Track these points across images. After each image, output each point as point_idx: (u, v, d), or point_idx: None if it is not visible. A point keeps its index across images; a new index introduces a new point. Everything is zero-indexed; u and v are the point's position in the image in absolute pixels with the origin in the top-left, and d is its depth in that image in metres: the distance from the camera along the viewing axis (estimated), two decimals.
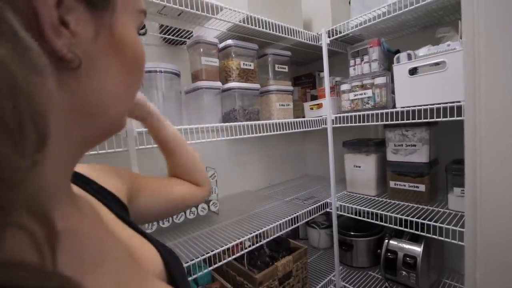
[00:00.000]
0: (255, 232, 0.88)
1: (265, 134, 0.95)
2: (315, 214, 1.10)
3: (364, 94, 1.03)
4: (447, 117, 0.79)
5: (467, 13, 0.64)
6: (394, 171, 1.07)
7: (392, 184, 1.08)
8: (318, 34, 1.14)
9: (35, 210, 0.15)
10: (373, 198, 1.14)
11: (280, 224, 0.95)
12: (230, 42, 0.96)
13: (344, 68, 1.19)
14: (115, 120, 0.25)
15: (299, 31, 1.07)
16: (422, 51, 0.88)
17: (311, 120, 1.15)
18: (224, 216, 1.04)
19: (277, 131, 1.00)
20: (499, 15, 0.60)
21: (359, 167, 1.18)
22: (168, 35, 1.01)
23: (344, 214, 1.15)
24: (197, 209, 0.97)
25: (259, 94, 1.05)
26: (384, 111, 0.96)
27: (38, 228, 0.14)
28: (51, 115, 0.19)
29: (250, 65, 1.00)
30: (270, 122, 0.98)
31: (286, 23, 1.01)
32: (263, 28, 0.94)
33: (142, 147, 0.67)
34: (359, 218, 1.09)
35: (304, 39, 1.10)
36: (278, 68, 1.11)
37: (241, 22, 0.90)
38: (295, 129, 1.06)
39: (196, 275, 0.74)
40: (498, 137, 0.63)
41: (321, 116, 1.18)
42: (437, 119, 0.82)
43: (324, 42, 1.13)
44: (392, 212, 0.97)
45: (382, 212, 0.99)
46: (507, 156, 0.62)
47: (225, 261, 0.80)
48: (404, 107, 0.90)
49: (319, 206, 1.13)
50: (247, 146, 1.40)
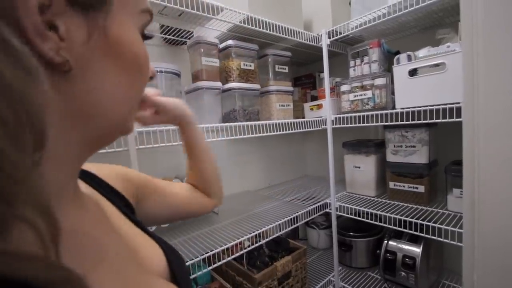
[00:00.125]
0: (254, 232, 0.89)
1: (265, 134, 0.96)
2: (314, 214, 1.10)
3: (364, 95, 1.04)
4: (446, 118, 0.79)
5: (466, 14, 0.65)
6: (393, 172, 1.07)
7: (391, 185, 1.08)
8: (318, 35, 1.14)
9: (39, 206, 0.15)
10: (372, 198, 1.14)
11: (279, 224, 0.95)
12: (230, 42, 0.96)
13: (344, 69, 1.19)
14: (117, 121, 0.25)
15: (299, 32, 1.07)
16: (422, 52, 0.89)
17: (311, 121, 1.15)
18: (223, 216, 1.04)
19: (277, 131, 1.00)
20: (498, 17, 0.61)
21: (359, 167, 1.18)
22: (169, 35, 1.01)
23: (344, 215, 1.15)
24: None
25: (259, 95, 1.06)
26: (384, 112, 0.96)
27: (42, 223, 0.15)
28: (48, 116, 0.19)
29: (251, 65, 1.01)
30: (270, 123, 0.98)
31: (286, 24, 1.01)
32: (263, 28, 0.94)
33: (142, 146, 0.68)
34: (359, 218, 1.09)
35: (304, 40, 1.10)
36: (278, 68, 1.12)
37: (241, 23, 0.90)
38: (295, 129, 1.07)
39: (196, 275, 0.74)
40: (497, 138, 0.63)
41: (321, 116, 1.19)
42: (436, 120, 0.82)
43: (324, 43, 1.13)
44: (391, 213, 0.97)
45: (381, 213, 0.99)
46: (506, 157, 0.62)
47: (224, 261, 0.80)
48: (404, 108, 0.90)
49: (318, 206, 1.13)
50: (247, 146, 1.40)
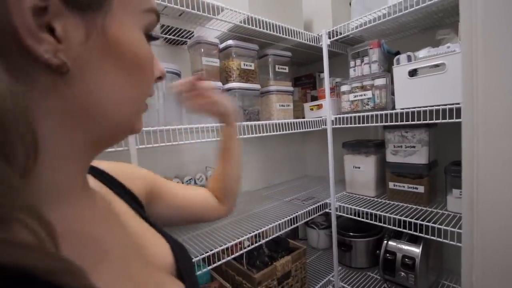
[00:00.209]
0: (254, 232, 0.89)
1: (265, 134, 0.96)
2: (314, 214, 1.11)
3: (364, 95, 1.04)
4: (446, 118, 0.79)
5: (465, 14, 0.65)
6: (393, 172, 1.07)
7: (391, 185, 1.08)
8: (318, 35, 1.15)
9: (30, 211, 0.15)
10: (372, 199, 1.14)
11: (279, 224, 0.96)
12: (230, 42, 0.96)
13: (344, 69, 1.19)
14: (121, 121, 0.25)
15: (299, 32, 1.07)
16: (422, 53, 0.89)
17: (311, 121, 1.15)
18: None
19: (277, 131, 1.00)
20: (498, 17, 0.61)
21: (359, 168, 1.18)
22: (169, 35, 1.02)
23: (343, 215, 1.15)
24: None
25: (260, 95, 1.06)
26: (383, 112, 0.97)
27: (39, 228, 0.15)
28: (45, 119, 0.20)
29: (251, 65, 1.01)
30: (270, 123, 0.98)
31: (286, 24, 1.01)
32: (263, 29, 0.94)
33: (143, 146, 0.68)
34: (358, 218, 1.09)
35: (305, 40, 1.10)
36: (279, 68, 1.12)
37: (241, 23, 0.90)
38: (295, 129, 1.07)
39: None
40: (496, 139, 0.63)
41: (321, 116, 1.19)
42: (436, 121, 0.82)
43: (325, 43, 1.13)
44: (391, 213, 0.97)
45: (381, 213, 0.99)
46: (505, 158, 0.62)
47: (224, 260, 0.80)
48: (403, 109, 0.90)
49: (318, 206, 1.13)
50: (247, 146, 1.40)
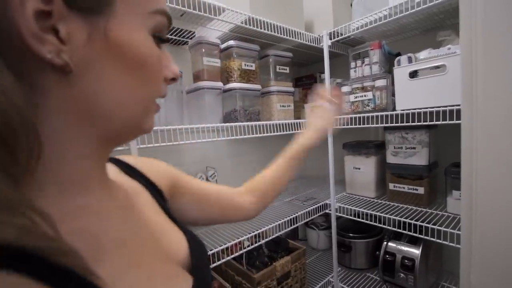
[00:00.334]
0: (254, 232, 0.89)
1: (265, 134, 0.96)
2: (314, 215, 1.11)
3: (365, 96, 1.04)
4: (446, 120, 0.79)
5: (465, 15, 0.65)
6: (393, 173, 1.07)
7: (391, 186, 1.08)
8: (319, 36, 1.15)
9: (31, 205, 0.17)
10: (372, 200, 1.14)
11: (279, 224, 0.96)
12: (232, 43, 0.96)
13: (345, 70, 1.19)
14: (127, 120, 0.25)
15: (300, 33, 1.07)
16: (423, 54, 0.89)
17: None
18: None
19: (277, 131, 1.00)
20: (498, 17, 0.60)
21: (359, 169, 1.18)
22: (171, 35, 1.02)
23: (343, 216, 1.15)
24: None
25: (260, 95, 1.06)
26: (384, 113, 0.97)
27: (36, 217, 0.17)
28: (51, 118, 0.21)
29: (252, 65, 1.01)
30: (270, 123, 0.98)
31: (287, 24, 1.01)
32: (264, 29, 0.95)
33: (143, 146, 0.68)
34: (358, 219, 1.09)
35: (306, 41, 1.10)
36: (279, 69, 1.12)
37: (243, 23, 0.91)
38: (295, 130, 1.07)
39: None
40: (496, 140, 0.63)
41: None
42: (436, 122, 0.82)
43: (325, 44, 1.13)
44: (391, 214, 0.97)
45: (381, 214, 0.99)
46: (504, 160, 0.62)
47: (223, 260, 0.81)
48: (404, 110, 0.90)
49: (318, 207, 1.13)
50: (247, 146, 1.41)
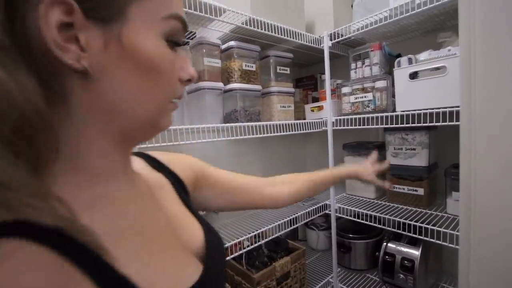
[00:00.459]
0: (254, 232, 0.89)
1: (265, 135, 0.96)
2: (314, 215, 1.11)
3: (365, 97, 1.04)
4: (446, 121, 0.79)
5: (464, 17, 0.65)
6: (393, 174, 1.07)
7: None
8: (320, 37, 1.15)
9: (52, 193, 0.21)
10: (372, 200, 1.14)
11: (279, 224, 0.96)
12: (232, 43, 0.97)
13: (345, 71, 1.19)
14: (144, 119, 0.27)
15: (301, 34, 1.08)
16: (423, 56, 0.89)
17: (312, 122, 1.15)
18: (223, 215, 1.05)
19: (277, 132, 1.01)
20: (496, 20, 0.61)
21: None
22: None
23: (343, 216, 1.15)
24: None
25: (261, 95, 1.06)
26: (384, 114, 0.97)
27: (58, 204, 0.21)
28: (72, 116, 0.24)
29: (252, 66, 1.01)
30: (271, 123, 0.99)
31: (288, 25, 1.01)
32: (265, 30, 0.95)
33: (144, 146, 0.68)
34: (358, 220, 1.09)
35: (306, 42, 1.11)
36: (280, 69, 1.12)
37: (243, 24, 0.91)
38: (295, 130, 1.07)
39: None
40: (494, 142, 0.63)
41: (321, 118, 1.19)
42: (436, 124, 0.82)
43: (326, 45, 1.13)
44: (390, 215, 0.97)
45: (380, 215, 1.00)
46: (503, 162, 0.62)
47: None
48: (404, 111, 0.90)
49: (318, 207, 1.13)
50: (247, 147, 1.41)
